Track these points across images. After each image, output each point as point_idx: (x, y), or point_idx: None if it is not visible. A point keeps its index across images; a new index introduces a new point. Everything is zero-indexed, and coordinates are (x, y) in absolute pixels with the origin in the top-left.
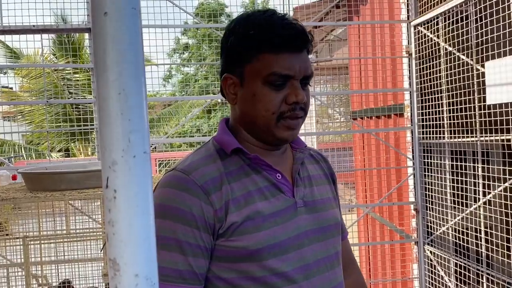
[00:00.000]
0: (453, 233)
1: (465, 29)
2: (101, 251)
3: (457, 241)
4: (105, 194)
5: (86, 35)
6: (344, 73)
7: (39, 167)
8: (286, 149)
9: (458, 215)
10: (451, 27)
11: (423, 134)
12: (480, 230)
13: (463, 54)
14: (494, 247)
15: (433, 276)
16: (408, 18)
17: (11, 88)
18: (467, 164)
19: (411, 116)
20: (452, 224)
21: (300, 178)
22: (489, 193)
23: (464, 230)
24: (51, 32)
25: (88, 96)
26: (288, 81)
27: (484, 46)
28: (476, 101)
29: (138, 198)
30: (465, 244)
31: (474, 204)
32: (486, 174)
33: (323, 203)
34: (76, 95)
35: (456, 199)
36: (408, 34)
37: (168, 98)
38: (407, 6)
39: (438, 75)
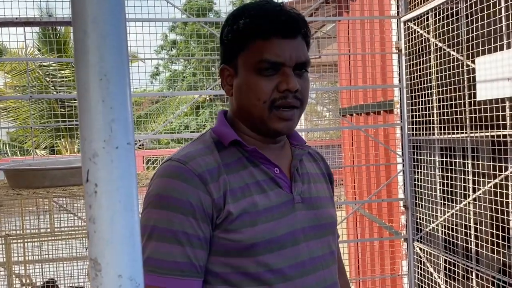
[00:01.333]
0: (443, 229)
1: (455, 25)
2: (86, 249)
3: (446, 237)
4: (86, 188)
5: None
6: (333, 70)
7: (22, 164)
8: (284, 144)
9: (448, 212)
10: (441, 23)
11: (412, 130)
12: (469, 226)
13: (453, 50)
14: (484, 243)
15: (422, 272)
16: (398, 14)
17: None
18: (457, 160)
19: (400, 113)
20: (441, 221)
21: (298, 174)
22: (478, 189)
23: (454, 227)
24: (34, 25)
25: (74, 92)
26: (280, 69)
27: (474, 42)
28: (466, 97)
29: (121, 193)
30: (454, 241)
31: (464, 201)
32: (475, 170)
33: (320, 201)
34: (62, 91)
35: (445, 195)
36: (398, 30)
37: (156, 94)
38: (397, 2)
39: (428, 71)
